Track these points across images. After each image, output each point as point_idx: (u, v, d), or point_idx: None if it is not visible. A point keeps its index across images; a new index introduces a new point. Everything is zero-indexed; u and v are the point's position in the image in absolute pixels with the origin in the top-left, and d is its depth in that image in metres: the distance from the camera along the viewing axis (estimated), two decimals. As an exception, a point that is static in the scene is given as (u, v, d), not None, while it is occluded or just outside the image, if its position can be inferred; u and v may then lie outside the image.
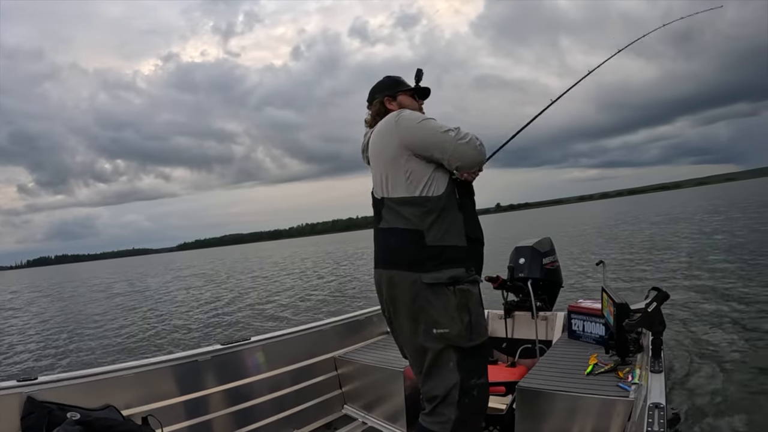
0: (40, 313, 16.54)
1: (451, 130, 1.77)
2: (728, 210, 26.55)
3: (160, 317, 11.70)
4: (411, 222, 1.77)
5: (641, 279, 8.92)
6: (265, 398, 2.73)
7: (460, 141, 1.76)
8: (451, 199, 1.79)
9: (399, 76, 2.09)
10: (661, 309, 2.07)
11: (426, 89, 2.10)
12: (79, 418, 1.86)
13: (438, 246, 1.73)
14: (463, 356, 1.73)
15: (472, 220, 1.84)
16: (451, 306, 1.71)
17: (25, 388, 1.93)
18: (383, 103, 2.02)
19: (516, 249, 3.61)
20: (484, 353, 1.83)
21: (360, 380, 2.98)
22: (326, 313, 9.40)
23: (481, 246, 1.88)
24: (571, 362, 2.36)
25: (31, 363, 8.05)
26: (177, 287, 20.42)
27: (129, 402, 2.21)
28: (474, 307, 1.75)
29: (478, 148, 1.80)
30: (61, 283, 37.69)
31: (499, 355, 3.44)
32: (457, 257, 1.76)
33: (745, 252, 10.44)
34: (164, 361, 2.41)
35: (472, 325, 1.72)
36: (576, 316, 2.77)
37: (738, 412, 3.28)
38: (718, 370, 4.07)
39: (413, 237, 1.75)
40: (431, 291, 1.72)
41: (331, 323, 3.21)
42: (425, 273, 1.72)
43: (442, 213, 1.76)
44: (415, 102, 2.05)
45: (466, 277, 1.75)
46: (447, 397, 1.74)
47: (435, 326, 1.72)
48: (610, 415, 1.88)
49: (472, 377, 1.74)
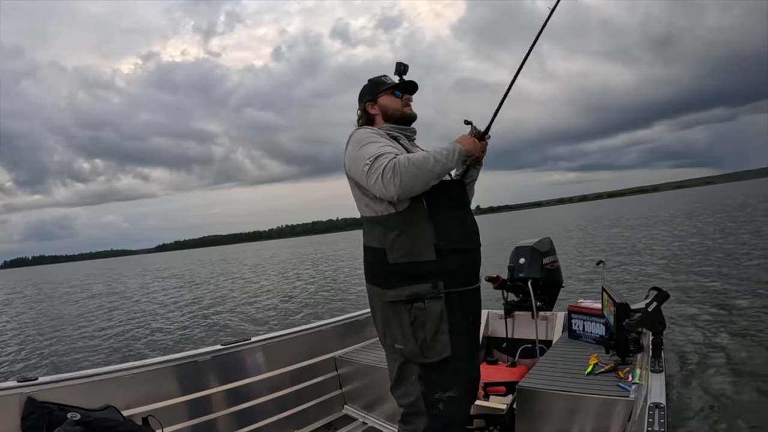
0: (19, 314, 16.43)
1: (366, 163, 1.64)
2: (727, 211, 26.57)
3: (139, 319, 11.62)
4: (376, 240, 1.77)
5: (641, 279, 8.92)
6: (266, 398, 2.73)
7: (368, 177, 1.63)
8: (416, 212, 1.70)
9: (382, 75, 1.98)
10: (661, 309, 2.07)
11: (409, 83, 1.97)
12: (79, 419, 1.86)
13: (399, 263, 1.71)
14: (424, 370, 1.74)
15: (446, 229, 1.73)
16: (405, 324, 1.71)
17: (25, 388, 1.93)
18: (366, 109, 1.97)
19: (516, 249, 3.61)
20: (450, 368, 1.74)
21: (360, 380, 2.98)
22: (326, 313, 9.40)
23: (461, 254, 1.77)
24: (571, 362, 2.36)
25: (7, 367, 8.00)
26: (156, 289, 20.31)
27: (129, 402, 2.21)
28: (431, 324, 1.69)
29: (382, 185, 1.60)
30: (38, 285, 37.29)
31: (499, 355, 3.44)
32: (421, 273, 1.69)
33: (742, 253, 10.45)
34: (164, 361, 2.41)
35: (426, 344, 1.69)
36: (576, 315, 2.77)
37: (739, 412, 3.29)
38: (718, 370, 4.07)
39: (378, 255, 1.77)
40: (392, 308, 1.74)
41: (331, 323, 3.21)
42: (389, 290, 1.74)
43: (404, 229, 1.71)
44: (397, 100, 1.93)
45: (428, 293, 1.69)
46: (413, 407, 1.77)
47: (395, 341, 1.76)
48: (610, 414, 1.88)
49: (435, 391, 1.73)
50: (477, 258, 1.85)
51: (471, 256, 1.82)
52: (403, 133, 1.91)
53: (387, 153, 1.63)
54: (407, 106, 1.95)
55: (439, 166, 1.65)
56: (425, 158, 1.62)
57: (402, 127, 1.93)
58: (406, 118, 1.94)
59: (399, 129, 1.92)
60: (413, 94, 2.00)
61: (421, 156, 1.63)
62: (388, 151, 1.64)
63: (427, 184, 1.64)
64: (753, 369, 4.01)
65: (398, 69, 1.93)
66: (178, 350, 5.40)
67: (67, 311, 15.50)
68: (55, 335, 10.61)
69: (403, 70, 1.94)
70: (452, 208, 1.79)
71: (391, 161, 1.59)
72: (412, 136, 1.96)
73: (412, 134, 1.97)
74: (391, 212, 1.72)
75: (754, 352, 4.41)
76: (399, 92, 1.94)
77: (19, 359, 8.46)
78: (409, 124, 1.97)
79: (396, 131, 1.90)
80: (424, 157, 1.63)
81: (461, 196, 1.88)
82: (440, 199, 1.74)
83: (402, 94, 1.94)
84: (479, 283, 1.89)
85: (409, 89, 1.97)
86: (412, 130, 1.98)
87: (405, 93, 1.96)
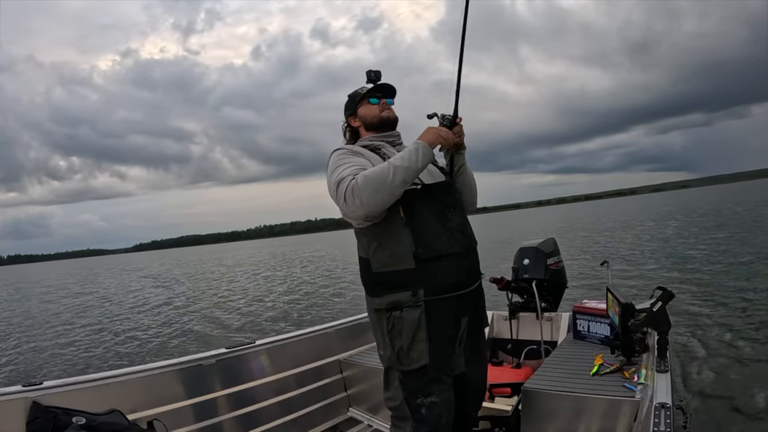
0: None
1: (333, 190, 1.64)
2: (724, 213, 26.45)
3: (119, 323, 11.59)
4: (363, 249, 1.81)
5: (646, 278, 8.90)
6: (271, 401, 2.73)
7: (338, 204, 1.64)
8: (393, 222, 1.69)
9: (359, 88, 1.94)
10: (666, 308, 2.06)
11: (384, 86, 1.92)
12: (84, 423, 1.87)
13: (381, 273, 1.73)
14: (405, 376, 1.75)
15: (425, 236, 1.69)
16: (384, 331, 1.73)
17: (30, 393, 1.94)
18: (350, 124, 1.96)
19: (520, 250, 3.61)
20: (429, 376, 1.71)
21: (365, 383, 2.97)
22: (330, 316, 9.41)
23: (444, 260, 1.71)
24: (576, 363, 2.35)
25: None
26: (137, 288, 20.34)
27: (134, 406, 2.21)
28: (407, 333, 1.68)
29: (347, 209, 1.62)
30: (14, 284, 37.03)
31: (504, 356, 3.43)
32: (401, 282, 1.69)
33: (747, 252, 10.41)
34: (169, 365, 2.41)
35: (403, 351, 1.70)
36: (581, 316, 2.76)
37: (744, 411, 3.27)
38: (723, 369, 4.06)
39: (365, 264, 1.80)
40: (375, 316, 1.77)
41: (336, 326, 3.21)
42: (374, 298, 1.77)
43: (383, 239, 1.71)
44: (374, 107, 1.90)
45: (407, 302, 1.68)
46: (399, 411, 1.79)
47: (377, 347, 1.81)
48: (616, 415, 1.87)
49: (416, 396, 1.73)
50: (465, 261, 1.78)
51: (457, 260, 1.75)
52: (384, 140, 1.88)
53: (347, 176, 1.60)
54: (385, 110, 1.91)
55: (400, 173, 1.59)
56: (382, 170, 1.59)
57: (383, 135, 1.90)
58: (384, 122, 1.90)
59: (381, 137, 1.89)
60: (393, 97, 1.96)
61: (378, 169, 1.60)
62: (349, 173, 1.61)
63: (393, 194, 1.60)
64: (759, 368, 4.00)
65: (369, 77, 1.89)
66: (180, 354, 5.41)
67: (46, 311, 15.51)
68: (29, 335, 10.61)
69: (374, 77, 1.89)
70: (434, 212, 1.74)
71: (350, 184, 1.57)
72: (395, 141, 1.92)
73: (396, 139, 1.92)
74: (368, 224, 1.72)
75: (759, 350, 4.39)
76: (374, 99, 1.91)
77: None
78: (392, 128, 1.93)
79: (378, 140, 1.88)
80: (381, 169, 1.59)
81: (445, 198, 1.80)
82: (419, 205, 1.72)
83: (379, 100, 1.91)
84: (474, 286, 1.83)
85: (384, 93, 1.93)
86: (396, 134, 1.93)
87: (382, 98, 1.92)
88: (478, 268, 1.87)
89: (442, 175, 1.87)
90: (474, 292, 1.83)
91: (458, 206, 1.85)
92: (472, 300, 1.83)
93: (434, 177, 1.83)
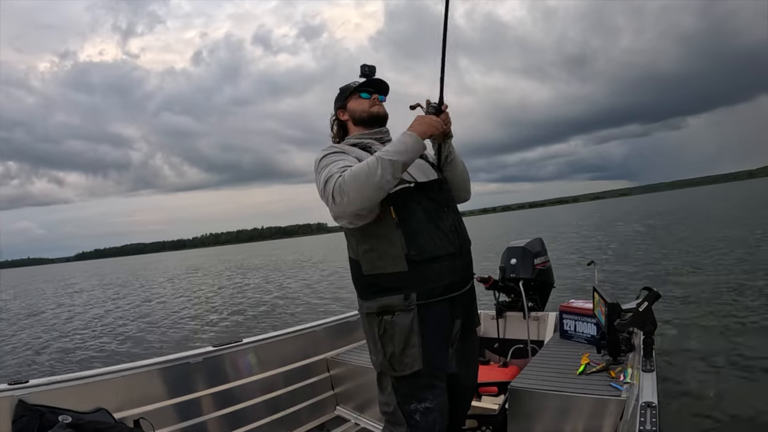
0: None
1: (321, 191, 1.60)
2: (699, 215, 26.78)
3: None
4: (352, 251, 1.77)
5: (633, 278, 8.99)
6: (258, 400, 2.72)
7: (327, 205, 1.61)
8: (384, 223, 1.65)
9: (354, 81, 1.89)
10: (652, 309, 2.08)
11: (376, 81, 1.87)
12: (70, 421, 1.85)
13: (371, 275, 1.69)
14: (397, 381, 1.71)
15: (418, 237, 1.65)
16: (375, 336, 1.70)
17: (16, 391, 1.92)
18: (338, 117, 1.92)
19: (507, 249, 3.63)
20: (423, 381, 1.68)
21: (352, 381, 2.97)
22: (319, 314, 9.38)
23: (438, 262, 1.67)
24: (562, 362, 2.37)
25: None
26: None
27: (121, 405, 2.20)
28: (399, 338, 1.64)
29: (336, 209, 1.59)
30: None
31: (491, 355, 3.46)
32: (393, 285, 1.65)
33: (741, 251, 10.57)
34: (156, 363, 2.39)
35: (395, 357, 1.66)
36: (568, 316, 2.79)
37: (729, 411, 3.32)
38: (708, 369, 4.11)
39: (355, 266, 1.77)
40: (367, 320, 1.74)
41: (323, 324, 3.20)
42: (365, 301, 1.74)
43: (373, 240, 1.68)
44: (364, 101, 1.86)
45: (399, 306, 1.64)
46: (393, 417, 1.75)
47: (369, 352, 1.78)
48: (602, 414, 1.89)
49: (410, 401, 1.69)
50: (460, 263, 1.75)
51: (451, 261, 1.71)
52: (373, 137, 1.85)
53: (333, 175, 1.55)
54: (375, 105, 1.87)
55: (389, 166, 1.52)
56: (369, 165, 1.53)
57: (372, 131, 1.87)
58: (374, 117, 1.86)
59: (370, 134, 1.86)
60: (385, 94, 1.93)
61: (365, 164, 1.54)
62: (334, 171, 1.56)
63: (383, 188, 1.54)
64: (744, 367, 4.06)
65: (363, 71, 1.85)
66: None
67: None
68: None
69: (368, 72, 1.85)
70: (427, 212, 1.69)
71: (336, 183, 1.52)
72: (384, 138, 1.88)
73: (385, 136, 1.89)
74: (359, 224, 1.69)
75: (744, 350, 4.45)
76: (366, 93, 1.87)
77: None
78: (382, 124, 1.89)
79: (367, 137, 1.84)
80: (368, 164, 1.53)
81: (438, 197, 1.76)
82: (412, 205, 1.67)
83: (370, 95, 1.87)
84: (467, 287, 1.81)
85: (376, 88, 1.89)
86: (384, 131, 1.90)
87: (374, 93, 1.88)
88: (471, 268, 1.84)
89: (434, 172, 1.82)
90: (467, 294, 1.81)
91: (452, 205, 1.83)
92: (466, 301, 1.82)
93: (427, 174, 1.77)
